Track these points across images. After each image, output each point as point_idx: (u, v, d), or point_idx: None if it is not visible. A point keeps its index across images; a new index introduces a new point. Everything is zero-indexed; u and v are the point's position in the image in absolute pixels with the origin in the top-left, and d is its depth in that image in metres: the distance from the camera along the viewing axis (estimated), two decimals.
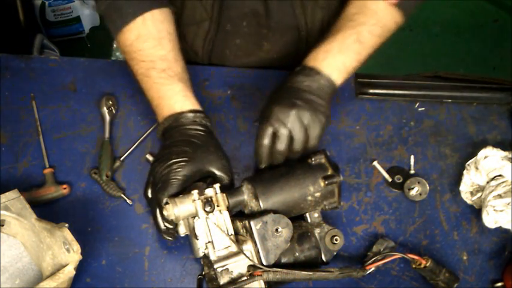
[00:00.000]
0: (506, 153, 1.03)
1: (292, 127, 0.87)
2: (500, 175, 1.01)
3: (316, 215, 0.89)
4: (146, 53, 0.93)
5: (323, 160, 0.89)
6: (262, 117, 0.90)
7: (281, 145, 0.88)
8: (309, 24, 1.13)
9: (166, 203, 0.83)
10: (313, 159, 0.89)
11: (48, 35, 2.16)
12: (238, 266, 0.81)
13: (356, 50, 0.95)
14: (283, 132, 0.87)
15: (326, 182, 0.87)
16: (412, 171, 1.07)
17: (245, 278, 0.79)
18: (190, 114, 0.89)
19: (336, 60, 0.93)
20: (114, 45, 2.34)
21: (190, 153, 0.86)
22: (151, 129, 1.04)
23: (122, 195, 0.98)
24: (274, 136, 0.88)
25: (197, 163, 0.86)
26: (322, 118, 0.89)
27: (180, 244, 0.96)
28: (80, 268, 0.84)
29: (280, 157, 0.90)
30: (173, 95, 0.91)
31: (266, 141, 0.88)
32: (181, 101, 0.91)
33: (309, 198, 0.87)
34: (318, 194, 0.87)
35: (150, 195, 0.90)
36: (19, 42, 1.92)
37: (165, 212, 0.83)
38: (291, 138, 0.88)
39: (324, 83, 0.91)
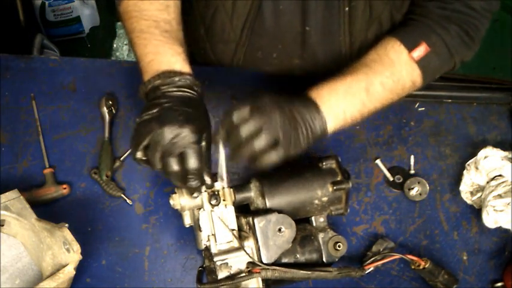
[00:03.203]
0: (506, 153, 1.03)
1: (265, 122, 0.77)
2: (500, 175, 1.01)
3: (321, 219, 0.89)
4: (150, 13, 0.89)
5: (334, 165, 0.89)
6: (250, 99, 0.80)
7: (244, 131, 0.77)
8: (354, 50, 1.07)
9: (174, 192, 0.84)
10: (324, 163, 0.89)
11: (48, 35, 2.16)
12: (238, 262, 0.81)
13: (361, 99, 0.88)
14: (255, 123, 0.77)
15: (334, 188, 0.87)
16: (412, 171, 1.07)
17: (243, 274, 0.80)
18: (191, 78, 0.83)
19: (338, 105, 0.86)
20: (114, 45, 2.33)
21: (193, 115, 0.80)
22: None
23: (122, 195, 0.98)
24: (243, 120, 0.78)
25: (199, 125, 0.80)
26: (295, 145, 0.80)
27: (180, 244, 0.96)
28: (80, 268, 0.84)
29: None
30: (175, 55, 0.85)
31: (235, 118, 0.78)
32: (181, 63, 0.84)
33: (316, 201, 0.87)
34: (325, 199, 0.87)
35: (143, 156, 0.80)
36: (19, 42, 1.92)
37: (171, 201, 0.85)
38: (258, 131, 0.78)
39: (317, 123, 0.83)
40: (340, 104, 0.86)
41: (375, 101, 0.89)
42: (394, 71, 0.90)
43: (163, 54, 0.85)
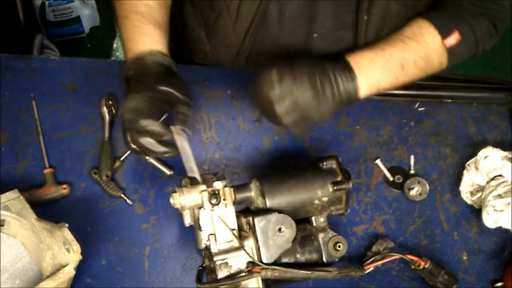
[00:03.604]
0: (506, 153, 1.03)
1: (292, 94, 0.84)
2: (500, 175, 1.01)
3: (321, 219, 0.89)
4: None
5: (334, 165, 0.89)
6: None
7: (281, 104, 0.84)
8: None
9: (174, 191, 0.84)
10: (324, 163, 0.89)
11: (48, 35, 2.16)
12: (238, 261, 0.81)
13: (396, 73, 0.93)
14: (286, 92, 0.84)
15: (335, 188, 0.87)
16: (412, 171, 1.07)
17: (243, 274, 0.80)
18: (151, 55, 0.88)
19: (375, 75, 0.91)
20: (114, 45, 2.34)
21: (153, 82, 0.86)
22: None
23: (122, 195, 0.98)
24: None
25: (159, 98, 0.85)
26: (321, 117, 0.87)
27: (180, 244, 0.96)
28: (80, 268, 0.84)
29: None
30: (140, 36, 0.91)
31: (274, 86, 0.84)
32: (146, 42, 0.90)
33: (316, 202, 0.87)
34: (325, 199, 0.87)
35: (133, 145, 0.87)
36: (19, 42, 1.92)
37: (171, 200, 0.85)
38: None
39: (350, 90, 0.88)
40: (377, 75, 0.91)
41: (406, 76, 0.94)
42: (427, 53, 0.94)
43: (132, 40, 0.91)
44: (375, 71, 0.91)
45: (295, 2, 0.99)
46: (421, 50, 0.94)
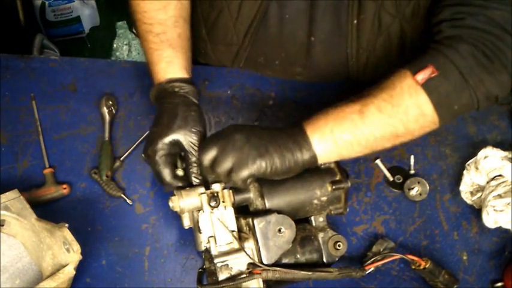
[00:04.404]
0: (506, 153, 1.03)
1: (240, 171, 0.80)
2: (500, 175, 1.01)
3: (321, 219, 0.89)
4: (149, 15, 0.94)
5: (332, 165, 0.89)
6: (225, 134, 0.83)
7: (219, 170, 0.81)
8: (360, 67, 1.07)
9: (173, 195, 0.84)
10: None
11: (48, 35, 2.16)
12: (238, 263, 0.81)
13: (354, 121, 0.81)
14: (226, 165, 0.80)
15: (333, 187, 0.87)
16: (412, 171, 1.07)
17: (244, 275, 0.80)
18: (168, 85, 0.90)
19: (326, 124, 0.82)
20: (114, 45, 2.34)
21: (162, 127, 0.88)
22: None
23: (122, 195, 0.98)
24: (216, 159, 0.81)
25: (167, 134, 0.87)
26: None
27: (180, 244, 0.96)
28: (80, 268, 0.84)
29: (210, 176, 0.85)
30: (159, 61, 0.91)
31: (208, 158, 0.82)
32: (164, 69, 0.91)
33: (315, 201, 0.87)
34: (324, 198, 0.87)
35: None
36: (19, 42, 1.92)
37: (170, 203, 0.85)
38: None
39: (302, 147, 0.81)
40: (329, 123, 0.81)
41: (371, 125, 0.81)
42: (393, 94, 0.82)
43: (152, 64, 0.92)
44: (326, 120, 0.82)
45: (295, 3, 0.99)
46: (384, 93, 0.82)
